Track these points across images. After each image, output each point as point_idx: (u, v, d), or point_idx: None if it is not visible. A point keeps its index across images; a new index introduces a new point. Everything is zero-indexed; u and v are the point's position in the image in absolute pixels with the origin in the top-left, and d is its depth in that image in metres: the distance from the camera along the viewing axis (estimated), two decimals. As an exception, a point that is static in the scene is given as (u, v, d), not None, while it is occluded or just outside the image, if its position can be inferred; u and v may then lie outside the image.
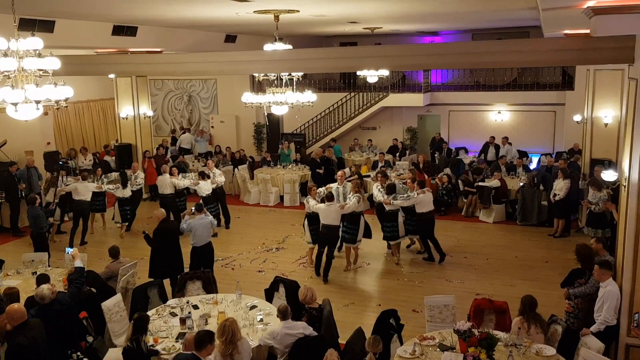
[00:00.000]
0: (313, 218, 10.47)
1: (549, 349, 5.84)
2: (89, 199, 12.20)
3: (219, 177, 13.27)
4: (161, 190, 12.96)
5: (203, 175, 12.72)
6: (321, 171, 15.12)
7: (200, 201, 12.44)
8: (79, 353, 6.00)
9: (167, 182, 12.79)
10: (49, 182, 12.59)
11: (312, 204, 10.26)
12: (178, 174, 13.17)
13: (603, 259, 6.82)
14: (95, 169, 16.13)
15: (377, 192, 10.97)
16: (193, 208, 9.33)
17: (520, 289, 8.86)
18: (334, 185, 11.28)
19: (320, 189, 10.97)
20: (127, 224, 13.06)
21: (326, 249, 10.10)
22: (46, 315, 5.99)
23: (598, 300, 6.41)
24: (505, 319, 6.82)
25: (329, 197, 10.08)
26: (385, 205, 10.71)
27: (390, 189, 10.71)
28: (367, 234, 10.84)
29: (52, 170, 14.37)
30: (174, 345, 6.08)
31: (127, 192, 12.87)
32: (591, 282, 6.73)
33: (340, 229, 10.38)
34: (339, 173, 11.67)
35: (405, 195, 10.72)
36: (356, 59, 9.29)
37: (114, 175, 13.65)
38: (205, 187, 12.61)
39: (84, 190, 12.09)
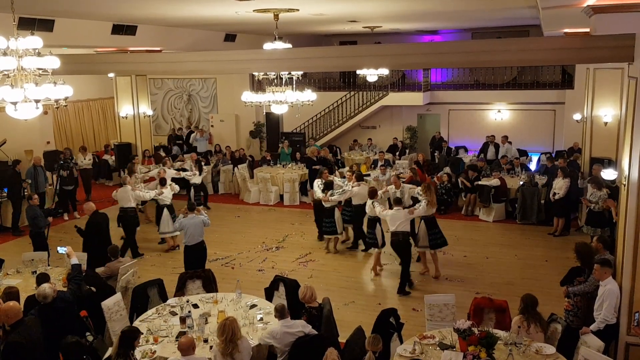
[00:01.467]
0: (372, 221, 10.16)
1: (549, 347, 5.84)
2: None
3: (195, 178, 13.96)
4: (121, 204, 11.29)
5: (163, 183, 11.99)
6: (318, 167, 15.12)
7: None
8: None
9: (130, 195, 11.26)
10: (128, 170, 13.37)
11: (377, 210, 9.78)
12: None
13: (603, 257, 6.82)
14: (96, 170, 16.24)
15: (317, 188, 11.49)
16: (186, 207, 9.37)
17: (520, 287, 8.86)
18: (391, 187, 11.00)
19: (379, 192, 10.61)
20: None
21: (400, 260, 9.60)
22: (48, 314, 5.99)
23: (598, 298, 6.41)
24: (505, 318, 6.82)
25: (397, 201, 9.67)
26: (323, 202, 11.12)
27: (328, 186, 11.22)
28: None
29: (52, 170, 14.40)
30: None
31: (199, 179, 13.91)
32: (590, 281, 6.74)
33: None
34: (393, 179, 11.35)
35: (341, 190, 11.15)
36: (356, 57, 9.27)
37: (178, 164, 14.93)
38: (168, 195, 11.82)
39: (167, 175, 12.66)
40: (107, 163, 17.32)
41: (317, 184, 11.60)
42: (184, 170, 14.21)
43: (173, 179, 12.83)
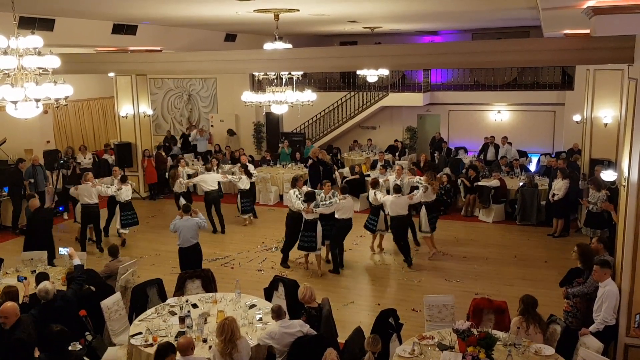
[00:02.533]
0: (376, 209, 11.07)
1: (548, 348, 5.84)
2: (216, 189, 12.91)
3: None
4: (83, 200, 11.52)
5: (124, 180, 12.11)
6: (314, 161, 15.13)
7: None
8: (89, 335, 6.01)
9: (92, 192, 11.49)
10: (172, 175, 13.41)
11: (378, 196, 10.77)
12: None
13: (602, 258, 6.83)
14: (96, 169, 16.18)
15: (296, 198, 10.42)
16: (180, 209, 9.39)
17: (519, 288, 8.86)
18: (392, 177, 12.06)
19: (380, 180, 11.87)
20: (250, 215, 13.66)
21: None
22: (47, 312, 5.99)
23: (597, 300, 6.41)
24: (504, 319, 6.82)
25: (396, 189, 10.61)
26: (305, 214, 10.10)
27: (310, 197, 10.13)
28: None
29: (52, 169, 14.39)
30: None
31: (247, 184, 13.37)
32: (589, 282, 6.74)
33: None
34: (397, 167, 12.57)
35: (328, 202, 10.29)
36: (356, 58, 9.29)
37: (227, 166, 14.67)
38: (125, 193, 11.93)
39: (212, 180, 12.76)
40: (107, 162, 17.29)
41: (295, 193, 10.56)
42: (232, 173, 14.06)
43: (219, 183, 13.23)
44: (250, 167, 13.56)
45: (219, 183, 13.28)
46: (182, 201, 12.47)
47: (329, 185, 10.96)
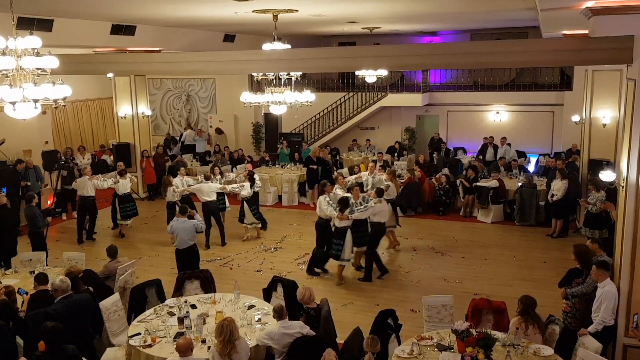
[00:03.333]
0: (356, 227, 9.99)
1: (547, 349, 5.84)
2: (214, 199, 11.96)
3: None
4: (80, 192, 12.42)
5: (122, 174, 12.76)
6: (314, 167, 15.13)
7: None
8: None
9: (88, 185, 12.25)
10: (164, 183, 12.40)
11: (327, 208, 10.01)
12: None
13: (601, 259, 6.83)
14: (95, 170, 16.16)
15: (327, 205, 10.06)
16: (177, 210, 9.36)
17: (518, 289, 8.87)
18: (364, 174, 11.87)
19: (348, 178, 11.67)
20: (260, 224, 12.64)
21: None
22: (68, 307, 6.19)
23: (596, 300, 6.42)
24: (503, 319, 6.82)
25: (379, 193, 10.11)
26: (338, 221, 9.75)
27: (344, 203, 9.74)
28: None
29: (51, 170, 14.37)
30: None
31: (250, 192, 12.23)
32: (588, 282, 6.75)
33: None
34: (370, 164, 12.36)
35: (363, 207, 9.99)
36: (355, 58, 9.28)
37: (231, 175, 13.73)
38: (123, 186, 12.56)
39: (208, 190, 11.84)
40: (105, 163, 17.29)
41: (325, 199, 10.21)
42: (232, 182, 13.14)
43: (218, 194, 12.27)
44: (256, 176, 12.67)
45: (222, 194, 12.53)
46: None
47: (357, 190, 10.52)
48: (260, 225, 12.64)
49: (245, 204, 12.23)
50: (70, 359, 5.48)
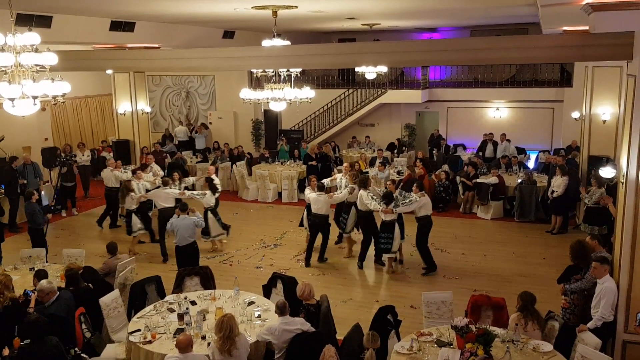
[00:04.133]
0: (309, 207, 10.76)
1: (546, 345, 5.85)
2: (172, 206, 10.96)
3: (159, 171, 13.41)
4: (106, 183, 13.02)
5: (143, 168, 13.09)
6: (314, 163, 15.11)
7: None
8: (76, 349, 6.00)
9: (110, 176, 12.90)
10: (122, 188, 11.57)
11: (306, 193, 10.83)
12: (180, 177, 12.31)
13: (601, 255, 6.83)
14: (94, 166, 16.15)
15: (369, 199, 10.19)
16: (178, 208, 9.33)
17: (518, 285, 8.88)
18: (338, 176, 11.74)
19: (324, 180, 11.52)
20: (225, 233, 11.73)
21: (321, 237, 10.61)
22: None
23: (595, 296, 6.42)
24: (502, 315, 6.83)
25: (320, 187, 10.55)
26: (383, 215, 10.01)
27: (389, 198, 9.95)
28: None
29: (51, 166, 14.37)
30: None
31: (213, 200, 11.41)
32: (587, 278, 6.75)
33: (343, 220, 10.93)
34: (345, 165, 12.17)
35: (408, 201, 10.11)
36: (354, 55, 9.25)
37: (191, 179, 13.03)
38: (147, 179, 12.36)
39: (166, 196, 11.12)
40: (105, 160, 17.28)
41: (368, 195, 10.25)
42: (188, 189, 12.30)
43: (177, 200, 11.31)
44: (216, 181, 11.86)
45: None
46: (135, 220, 11.37)
47: (391, 184, 11.08)
48: (226, 233, 11.72)
49: (209, 214, 11.31)
50: (53, 350, 5.56)
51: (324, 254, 10.77)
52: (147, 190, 11.61)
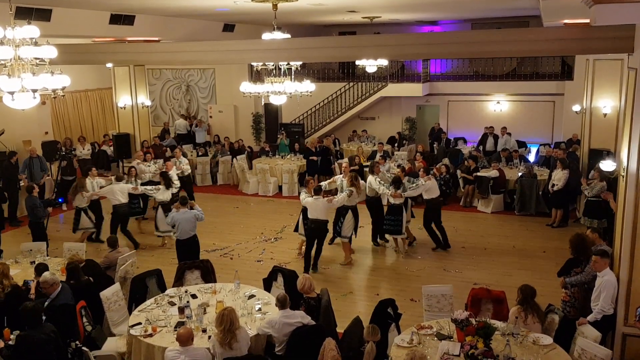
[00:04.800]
0: (305, 211, 10.18)
1: (546, 338, 5.86)
2: (126, 201, 11.14)
3: (185, 165, 13.47)
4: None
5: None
6: (314, 158, 15.08)
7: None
8: (77, 342, 6.02)
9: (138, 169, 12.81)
10: (74, 185, 11.29)
11: (301, 197, 10.10)
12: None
13: (601, 248, 6.84)
14: (95, 160, 16.16)
15: (377, 184, 10.66)
16: (178, 201, 9.32)
17: (518, 278, 8.88)
18: (338, 178, 11.17)
19: (322, 183, 11.05)
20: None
21: (316, 243, 9.90)
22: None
23: (595, 289, 6.43)
24: (502, 309, 6.84)
25: (316, 191, 9.84)
26: (392, 199, 10.41)
27: (397, 182, 10.43)
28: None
29: (51, 160, 14.36)
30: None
31: (168, 195, 11.19)
32: (587, 271, 6.76)
33: (343, 222, 10.31)
34: (343, 165, 11.66)
35: (414, 185, 10.73)
36: (355, 48, 9.23)
37: (147, 176, 12.82)
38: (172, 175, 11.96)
39: (120, 192, 11.02)
40: (105, 153, 17.28)
41: (376, 180, 10.73)
42: (151, 183, 12.33)
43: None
44: (173, 175, 11.78)
45: (129, 195, 11.36)
46: (84, 219, 11.15)
47: (378, 167, 11.34)
48: (173, 232, 10.54)
49: (160, 209, 11.15)
50: (51, 335, 5.62)
51: (317, 263, 10.04)
52: (101, 187, 11.44)
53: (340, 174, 11.89)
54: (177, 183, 11.90)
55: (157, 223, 11.33)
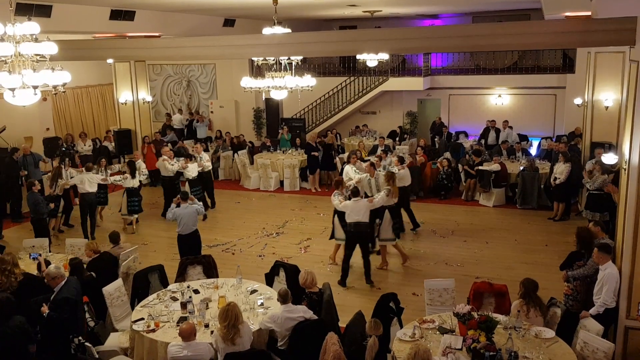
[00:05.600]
0: (340, 215, 9.64)
1: (548, 331, 5.87)
2: (95, 191, 11.55)
3: (206, 162, 13.43)
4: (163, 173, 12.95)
5: (190, 157, 13.25)
6: (316, 154, 15.08)
7: (186, 184, 12.75)
8: (80, 337, 6.04)
9: (160, 166, 12.92)
10: (54, 174, 11.78)
11: (336, 202, 9.48)
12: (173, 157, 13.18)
13: (602, 241, 6.83)
14: (96, 156, 16.17)
15: (354, 173, 11.02)
16: (179, 196, 9.35)
17: (520, 272, 8.88)
18: (364, 177, 10.90)
19: (349, 182, 10.54)
20: (136, 216, 12.27)
21: (361, 252, 9.31)
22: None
23: (597, 282, 6.43)
24: (504, 302, 6.84)
25: (354, 192, 9.32)
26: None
27: (355, 192, 9.39)
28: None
29: (52, 156, 14.37)
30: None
31: (135, 182, 12.05)
32: (589, 265, 6.75)
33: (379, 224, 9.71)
34: (365, 166, 11.22)
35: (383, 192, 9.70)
36: (356, 42, 9.21)
37: (118, 166, 13.23)
38: (193, 169, 12.84)
39: (90, 182, 11.44)
40: (107, 149, 17.30)
41: (352, 169, 11.36)
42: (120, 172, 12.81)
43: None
44: (141, 166, 12.41)
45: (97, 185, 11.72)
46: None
47: (371, 168, 11.11)
48: (136, 220, 12.30)
49: (125, 193, 12.07)
50: (15, 330, 5.61)
51: (369, 274, 9.31)
52: (72, 177, 11.99)
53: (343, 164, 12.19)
54: (145, 171, 12.75)
55: (122, 205, 12.21)
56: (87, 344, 6.02)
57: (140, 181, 12.28)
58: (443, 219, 12.41)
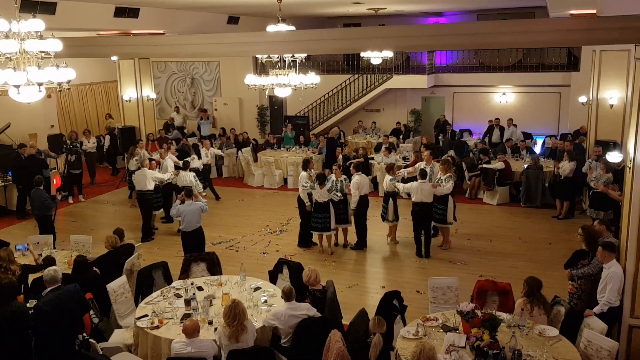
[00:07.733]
0: (390, 197, 10.62)
1: (552, 329, 5.86)
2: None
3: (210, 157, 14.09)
4: (139, 187, 11.51)
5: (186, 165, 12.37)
6: (340, 150, 15.03)
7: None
8: (84, 334, 6.05)
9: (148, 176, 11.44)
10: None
11: (393, 182, 10.48)
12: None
13: (607, 240, 6.82)
14: (100, 153, 16.22)
15: (307, 182, 10.65)
16: (183, 193, 9.35)
17: (524, 270, 8.88)
18: (421, 164, 11.34)
19: (401, 171, 11.38)
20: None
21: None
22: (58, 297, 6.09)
23: (601, 281, 6.42)
24: (508, 300, 6.84)
25: (422, 174, 10.14)
26: (318, 196, 10.32)
27: (321, 178, 10.28)
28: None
29: (57, 153, 14.39)
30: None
31: (201, 163, 13.30)
32: (594, 263, 6.74)
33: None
34: (425, 154, 11.49)
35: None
36: (360, 39, 9.17)
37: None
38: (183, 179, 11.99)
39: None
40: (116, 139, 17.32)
41: (308, 175, 10.85)
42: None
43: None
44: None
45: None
46: None
47: (338, 170, 10.80)
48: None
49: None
50: (15, 313, 5.63)
51: (429, 249, 10.33)
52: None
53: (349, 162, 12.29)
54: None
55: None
56: (91, 340, 6.04)
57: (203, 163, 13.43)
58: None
